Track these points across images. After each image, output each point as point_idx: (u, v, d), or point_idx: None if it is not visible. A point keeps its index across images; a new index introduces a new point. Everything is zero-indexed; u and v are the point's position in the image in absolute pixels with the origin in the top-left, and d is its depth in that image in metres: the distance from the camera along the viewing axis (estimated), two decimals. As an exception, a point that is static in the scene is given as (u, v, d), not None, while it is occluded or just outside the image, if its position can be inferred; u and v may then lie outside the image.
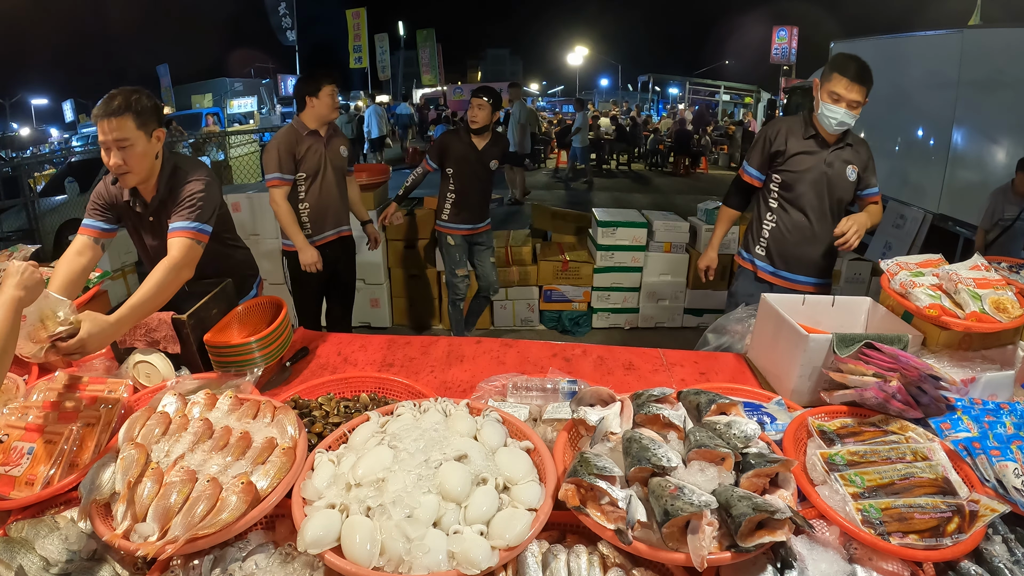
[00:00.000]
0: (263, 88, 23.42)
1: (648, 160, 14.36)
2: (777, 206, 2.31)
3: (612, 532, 0.95)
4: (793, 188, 2.25)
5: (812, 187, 2.22)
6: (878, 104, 6.00)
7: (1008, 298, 1.50)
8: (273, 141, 2.86)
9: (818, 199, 2.23)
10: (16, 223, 6.56)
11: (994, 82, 4.52)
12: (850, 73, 2.03)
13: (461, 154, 3.49)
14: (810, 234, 2.27)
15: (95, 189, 1.88)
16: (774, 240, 2.33)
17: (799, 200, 2.26)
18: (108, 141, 1.64)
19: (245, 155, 9.99)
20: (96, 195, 1.87)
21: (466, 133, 3.51)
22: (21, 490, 1.15)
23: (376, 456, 1.08)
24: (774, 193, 2.32)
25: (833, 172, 2.21)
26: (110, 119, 1.61)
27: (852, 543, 1.01)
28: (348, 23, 15.38)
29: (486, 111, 3.41)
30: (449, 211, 3.60)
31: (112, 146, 1.64)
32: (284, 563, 1.01)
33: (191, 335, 1.59)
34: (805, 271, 2.32)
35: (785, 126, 2.28)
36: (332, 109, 2.82)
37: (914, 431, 1.22)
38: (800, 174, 2.23)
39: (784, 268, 2.33)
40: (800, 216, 2.27)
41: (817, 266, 2.33)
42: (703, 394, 1.23)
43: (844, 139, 2.22)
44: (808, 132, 2.22)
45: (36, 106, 31.09)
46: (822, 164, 2.20)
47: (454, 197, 3.57)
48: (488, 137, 3.53)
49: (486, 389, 1.51)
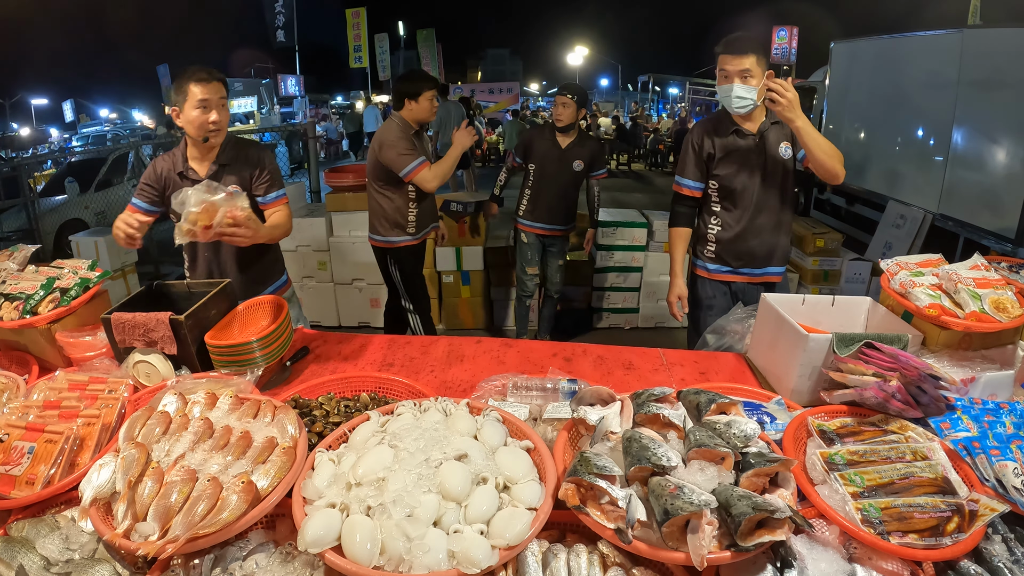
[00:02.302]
0: (263, 88, 23.39)
1: (648, 160, 14.36)
2: (720, 209, 2.30)
3: (612, 531, 0.95)
4: (731, 188, 2.23)
5: (749, 181, 2.21)
6: (878, 104, 6.04)
7: (1008, 298, 1.50)
8: (392, 135, 2.94)
9: (757, 192, 2.22)
10: (16, 223, 6.57)
11: (994, 82, 4.52)
12: (724, 47, 2.05)
13: (544, 151, 3.49)
14: (758, 225, 2.26)
15: (145, 172, 2.14)
16: (721, 242, 2.32)
17: (739, 198, 2.24)
18: (213, 100, 1.97)
19: (245, 155, 9.97)
20: (146, 177, 2.12)
21: (551, 131, 3.49)
22: (21, 489, 1.15)
23: (376, 455, 1.08)
24: (714, 198, 2.30)
25: (766, 158, 2.19)
26: (215, 82, 1.96)
27: (852, 542, 1.01)
28: (348, 23, 15.37)
29: (571, 109, 3.39)
30: (525, 208, 3.60)
31: (215, 105, 1.97)
32: (284, 562, 1.01)
33: (189, 335, 1.59)
34: (763, 263, 2.33)
35: (706, 129, 2.25)
36: (430, 112, 2.97)
37: (914, 431, 1.22)
38: (734, 173, 2.21)
39: (740, 265, 2.32)
40: (742, 212, 2.25)
41: (772, 255, 2.33)
42: (703, 393, 1.23)
43: (767, 120, 2.19)
44: (730, 128, 2.19)
45: (36, 106, 31.09)
46: (752, 155, 2.18)
47: (530, 194, 3.57)
48: (574, 136, 3.50)
49: (486, 389, 1.51)
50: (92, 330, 1.72)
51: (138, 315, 1.58)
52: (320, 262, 4.44)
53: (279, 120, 17.67)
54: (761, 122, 2.19)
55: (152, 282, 1.87)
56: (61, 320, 1.70)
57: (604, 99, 34.51)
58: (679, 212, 2.37)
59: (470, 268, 4.41)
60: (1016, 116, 4.30)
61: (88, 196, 7.59)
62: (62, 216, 7.20)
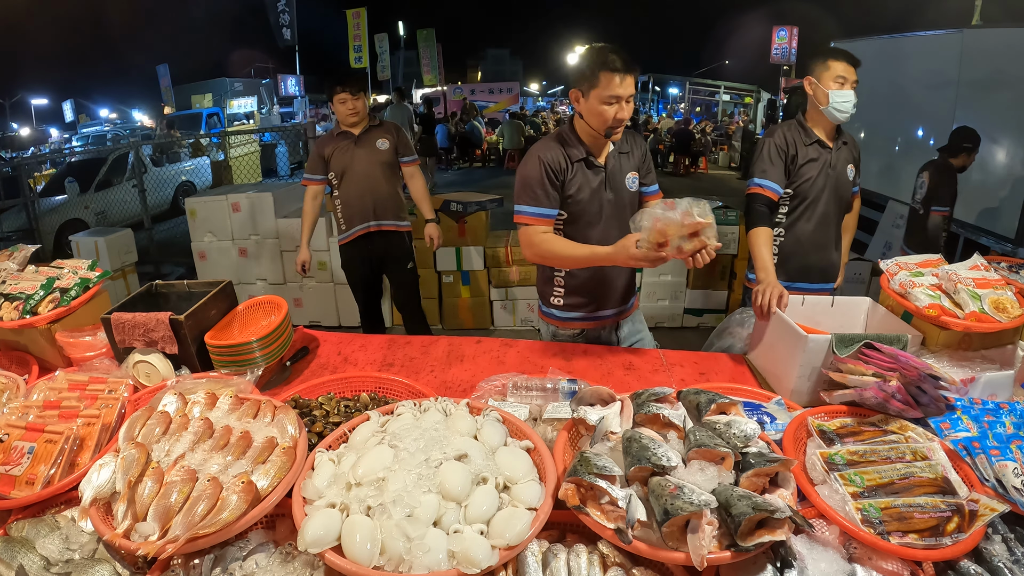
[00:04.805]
0: (263, 88, 23.39)
1: (648, 160, 14.35)
2: (786, 220, 2.24)
3: (612, 531, 0.95)
4: (805, 199, 2.19)
5: (821, 195, 2.17)
6: (878, 104, 6.03)
7: (1007, 298, 1.50)
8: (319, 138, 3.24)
9: (825, 205, 2.18)
10: (16, 223, 6.58)
11: (994, 82, 4.52)
12: (847, 57, 2.08)
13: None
14: (821, 241, 2.22)
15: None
16: (785, 254, 2.24)
17: (809, 210, 2.19)
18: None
19: (245, 155, 10.00)
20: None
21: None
22: (21, 489, 1.15)
23: (376, 455, 1.08)
24: (784, 207, 2.22)
25: (836, 174, 2.17)
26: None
27: (852, 542, 1.01)
28: (348, 23, 15.36)
29: None
30: None
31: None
32: (284, 562, 1.01)
33: (189, 335, 1.59)
34: (820, 278, 2.28)
35: (787, 134, 2.19)
36: (343, 114, 2.94)
37: (914, 431, 1.22)
38: (810, 183, 2.17)
39: (800, 279, 2.25)
40: (810, 225, 2.20)
41: (829, 270, 2.30)
42: (703, 394, 1.23)
43: (840, 137, 2.20)
44: (809, 138, 2.16)
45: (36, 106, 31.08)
46: (828, 169, 2.16)
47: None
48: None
49: (486, 389, 1.51)
50: (92, 330, 1.72)
51: (138, 315, 1.58)
52: (320, 262, 4.44)
53: (279, 120, 17.64)
54: (835, 138, 2.19)
55: (152, 282, 1.87)
56: (61, 320, 1.71)
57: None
58: (760, 212, 2.14)
59: (470, 268, 4.41)
60: (1016, 116, 4.31)
61: (88, 196, 7.61)
62: (62, 216, 7.21)
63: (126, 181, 7.83)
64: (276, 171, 11.26)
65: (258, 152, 11.00)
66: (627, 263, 1.61)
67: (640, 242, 1.52)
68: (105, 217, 7.51)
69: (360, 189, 3.02)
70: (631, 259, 1.56)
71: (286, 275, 4.60)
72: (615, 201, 1.90)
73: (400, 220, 3.15)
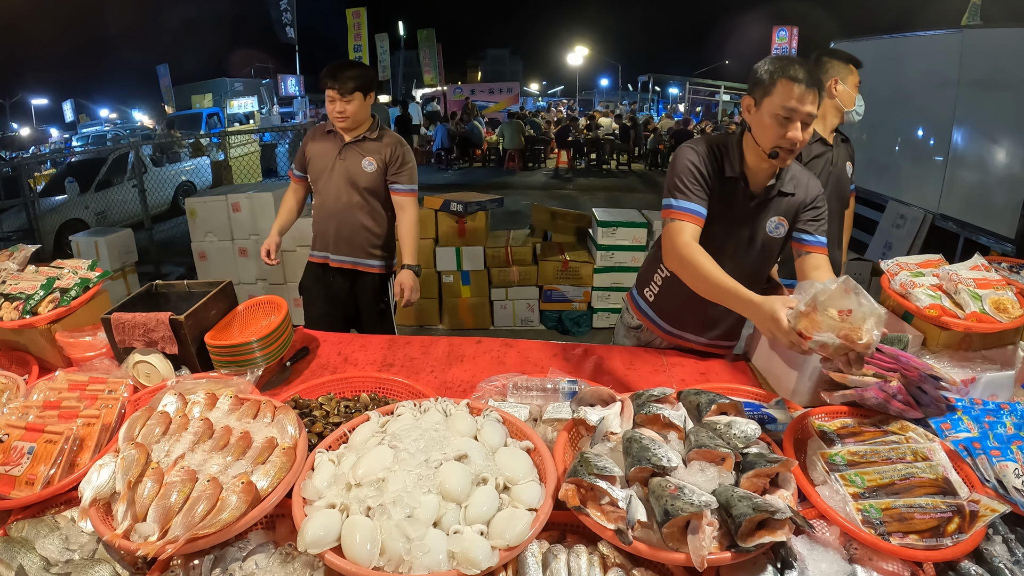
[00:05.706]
0: (263, 88, 23.42)
1: (648, 160, 14.35)
2: None
3: (612, 532, 0.95)
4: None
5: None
6: (878, 104, 6.02)
7: (1008, 298, 1.50)
8: None
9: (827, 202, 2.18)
10: (16, 223, 6.58)
11: (994, 82, 4.52)
12: (857, 61, 2.19)
13: None
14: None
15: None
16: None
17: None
18: None
19: (245, 155, 10.00)
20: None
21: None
22: (21, 490, 1.15)
23: (376, 456, 1.08)
24: None
25: (837, 171, 2.23)
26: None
27: (852, 543, 1.01)
28: (348, 23, 15.37)
29: None
30: None
31: None
32: (284, 563, 1.01)
33: (189, 335, 1.59)
34: None
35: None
36: (330, 116, 2.45)
37: (914, 431, 1.22)
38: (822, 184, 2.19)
39: None
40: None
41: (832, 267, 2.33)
42: (703, 394, 1.23)
43: (838, 135, 2.26)
44: (813, 136, 2.12)
45: (36, 106, 31.09)
46: (829, 166, 2.20)
47: None
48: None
49: (486, 389, 1.51)
50: (92, 330, 1.72)
51: (138, 315, 1.58)
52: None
53: (279, 120, 17.65)
54: (834, 136, 2.23)
55: (152, 282, 1.87)
56: (61, 320, 1.70)
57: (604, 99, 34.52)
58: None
59: (470, 268, 4.41)
60: (1016, 116, 4.30)
61: (88, 196, 7.61)
62: (62, 216, 7.21)
63: (126, 181, 7.83)
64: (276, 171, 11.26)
65: (258, 152, 11.00)
66: (763, 326, 1.27)
67: (790, 316, 1.18)
68: (105, 217, 7.51)
69: (327, 211, 2.51)
70: (771, 328, 1.22)
71: (286, 275, 4.60)
72: (746, 238, 1.67)
73: (368, 259, 2.54)
